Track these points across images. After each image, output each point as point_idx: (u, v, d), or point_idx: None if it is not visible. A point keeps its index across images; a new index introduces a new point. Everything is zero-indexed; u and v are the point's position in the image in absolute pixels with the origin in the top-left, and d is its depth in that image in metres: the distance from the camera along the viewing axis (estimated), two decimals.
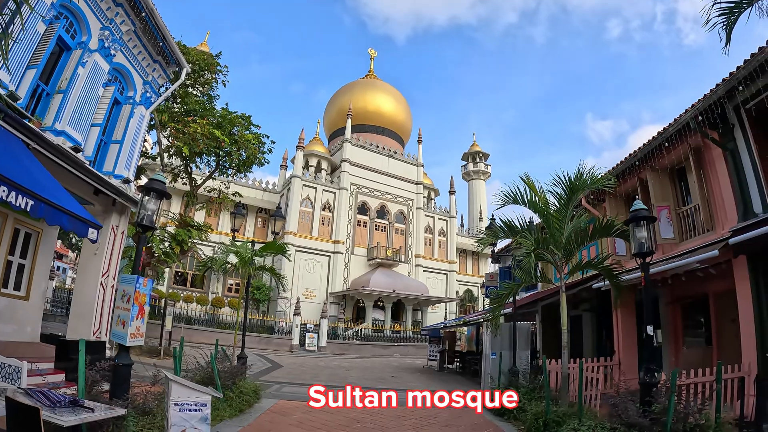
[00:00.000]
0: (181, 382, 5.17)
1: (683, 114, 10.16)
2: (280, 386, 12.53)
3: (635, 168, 12.01)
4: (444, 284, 45.44)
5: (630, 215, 7.38)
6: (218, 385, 8.73)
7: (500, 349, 11.28)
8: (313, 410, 9.23)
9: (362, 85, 50.08)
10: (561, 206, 8.91)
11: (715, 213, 10.08)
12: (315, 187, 39.66)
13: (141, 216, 6.60)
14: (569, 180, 8.62)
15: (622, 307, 12.69)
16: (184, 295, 32.48)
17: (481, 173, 59.25)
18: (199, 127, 18.16)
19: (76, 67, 9.69)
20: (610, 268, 9.52)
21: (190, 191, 21.21)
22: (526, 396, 8.97)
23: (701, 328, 12.14)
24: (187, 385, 5.13)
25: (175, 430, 4.89)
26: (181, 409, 4.94)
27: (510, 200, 9.45)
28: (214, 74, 21.07)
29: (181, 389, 5.03)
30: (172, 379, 5.12)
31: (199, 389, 5.23)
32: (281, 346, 28.89)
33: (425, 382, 15.69)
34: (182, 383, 5.16)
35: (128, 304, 6.16)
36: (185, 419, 4.93)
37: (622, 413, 6.31)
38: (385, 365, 22.83)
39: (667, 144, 10.76)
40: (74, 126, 9.56)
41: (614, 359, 12.33)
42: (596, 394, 9.69)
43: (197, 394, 5.10)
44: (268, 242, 11.32)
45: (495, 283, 23.97)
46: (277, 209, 13.07)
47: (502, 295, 9.31)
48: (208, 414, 5.21)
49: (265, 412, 8.88)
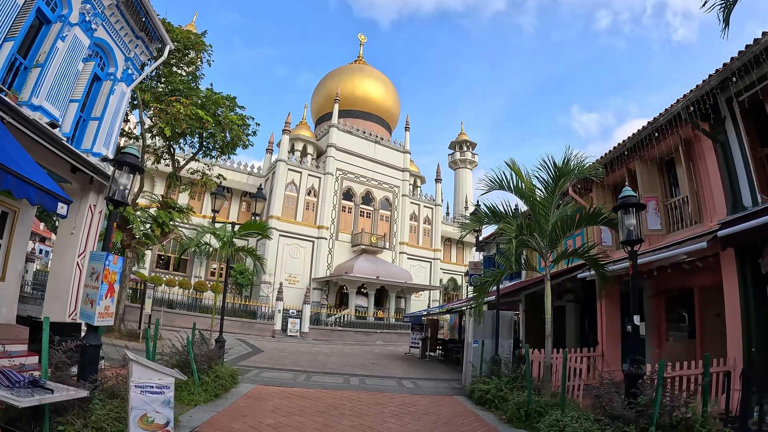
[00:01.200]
0: (142, 362, 4.83)
1: (674, 104, 10.03)
2: (259, 371, 12.31)
3: (624, 158, 11.89)
4: (428, 272, 45.39)
5: (619, 201, 7.20)
6: (194, 369, 8.49)
7: (483, 338, 11.13)
8: (291, 396, 9.05)
9: (351, 70, 49.38)
10: (547, 193, 8.73)
11: (704, 205, 9.99)
12: (300, 172, 39.21)
13: (112, 191, 6.30)
14: (556, 166, 8.42)
15: (606, 298, 12.66)
16: (167, 278, 32.02)
17: (468, 162, 59.15)
18: (182, 107, 17.67)
19: (55, 41, 9.31)
20: (595, 257, 9.39)
21: (173, 173, 20.70)
22: (508, 385, 8.83)
23: (685, 322, 12.09)
24: (149, 366, 4.80)
25: (136, 413, 4.58)
26: (142, 391, 4.63)
27: (496, 186, 9.25)
28: (199, 53, 20.50)
29: (143, 370, 4.71)
30: (134, 359, 4.80)
31: (162, 371, 4.89)
32: (263, 331, 28.63)
33: (406, 370, 15.57)
34: (144, 363, 4.82)
35: (97, 282, 5.85)
36: (146, 402, 4.62)
37: (606, 404, 6.19)
38: (366, 352, 22.71)
39: (657, 134, 10.63)
40: (52, 101, 9.19)
41: (598, 350, 12.31)
42: (579, 385, 9.60)
43: (159, 376, 4.77)
44: (248, 223, 10.96)
45: (479, 272, 23.86)
46: (259, 190, 12.72)
47: (485, 283, 9.12)
48: (170, 397, 4.88)
49: (242, 396, 8.65)
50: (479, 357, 10.84)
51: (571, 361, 10.18)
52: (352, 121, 44.66)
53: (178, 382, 8.35)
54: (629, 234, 6.88)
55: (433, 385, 12.21)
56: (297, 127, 43.75)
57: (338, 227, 40.15)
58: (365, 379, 12.29)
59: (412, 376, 13.78)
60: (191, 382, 8.23)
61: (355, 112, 46.07)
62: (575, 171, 8.45)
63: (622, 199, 7.13)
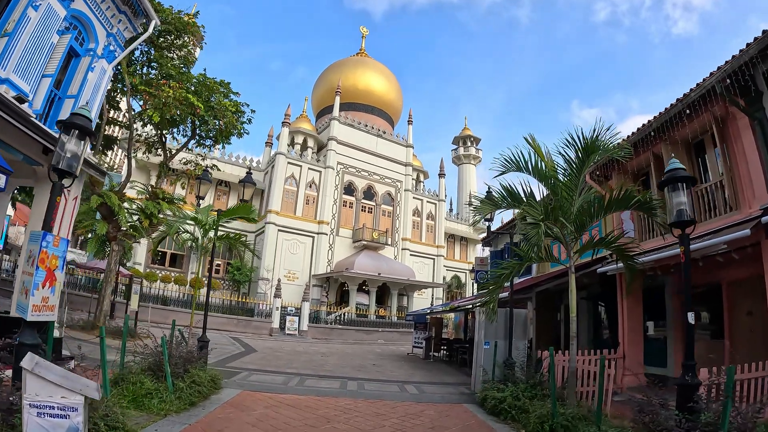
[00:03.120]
0: (42, 372, 3.53)
1: (708, 78, 9.08)
2: (248, 374, 11.24)
3: (649, 140, 10.86)
4: (431, 269, 44.25)
5: (666, 175, 6.06)
6: (167, 372, 7.45)
7: (495, 338, 10.01)
8: (279, 404, 7.96)
9: (353, 63, 48.22)
10: (572, 172, 7.59)
11: (741, 190, 8.93)
12: (300, 165, 38.08)
13: (57, 158, 5.24)
14: (584, 139, 7.26)
15: (629, 295, 11.62)
16: (162, 275, 30.94)
17: (471, 158, 57.93)
18: (171, 90, 16.62)
19: (25, 9, 8.50)
20: (623, 248, 8.26)
21: (163, 162, 19.63)
22: (525, 393, 7.70)
23: (710, 321, 11.22)
24: (49, 379, 3.48)
25: None
26: (39, 413, 3.33)
27: (512, 166, 8.11)
28: (192, 35, 19.39)
29: (41, 384, 3.39)
30: (28, 368, 3.51)
31: (69, 385, 3.62)
32: (260, 329, 27.61)
33: (409, 372, 14.45)
34: (42, 375, 3.53)
35: (32, 268, 4.79)
36: (45, 428, 3.39)
37: (650, 421, 5.08)
38: (367, 352, 21.60)
39: (689, 111, 9.60)
40: (21, 74, 8.44)
41: (618, 352, 11.26)
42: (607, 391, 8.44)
43: (64, 393, 3.42)
44: (233, 207, 9.82)
45: (485, 268, 22.79)
46: (248, 174, 11.57)
47: (501, 275, 7.94)
48: (80, 424, 3.58)
49: (222, 405, 7.57)
50: (491, 360, 9.70)
51: (588, 364, 9.12)
52: (354, 114, 43.49)
53: (149, 388, 7.34)
54: (680, 214, 5.74)
55: (439, 390, 11.06)
56: (297, 120, 42.66)
57: (339, 222, 39.04)
58: (364, 383, 11.13)
59: (415, 379, 12.65)
60: (163, 388, 7.21)
61: (357, 105, 44.89)
62: (604, 149, 7.29)
63: (669, 172, 5.98)
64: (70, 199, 10.75)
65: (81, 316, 16.83)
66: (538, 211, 7.30)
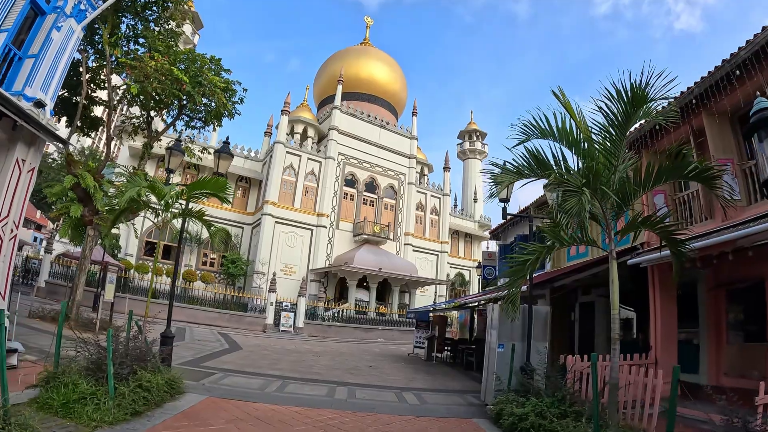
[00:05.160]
0: None
1: (759, 34, 7.65)
2: (223, 375, 9.73)
3: (689, 110, 9.36)
4: (434, 266, 42.77)
5: (753, 118, 4.52)
6: (109, 373, 5.96)
7: (510, 340, 8.44)
8: (246, 417, 6.44)
9: (356, 52, 46.77)
10: (616, 131, 6.01)
11: None
12: (299, 155, 36.55)
13: None
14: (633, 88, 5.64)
15: (662, 291, 10.10)
16: (155, 267, 29.50)
17: (477, 152, 56.17)
18: (154, 62, 15.16)
19: None
20: (671, 230, 6.69)
21: (147, 143, 18.14)
22: (552, 409, 6.12)
23: (750, 321, 9.83)
24: None
25: None
26: None
27: (533, 133, 6.53)
28: (180, 5, 17.87)
29: None
30: None
31: None
32: (254, 325, 26.19)
33: (409, 376, 12.87)
34: None
35: None
36: None
37: None
38: (364, 351, 20.06)
39: (738, 72, 8.11)
40: None
41: (650, 356, 9.70)
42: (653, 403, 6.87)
43: None
44: (202, 180, 8.29)
45: (493, 263, 21.26)
46: (224, 144, 10.04)
47: (527, 261, 6.34)
48: None
49: (174, 416, 6.07)
50: (507, 366, 8.12)
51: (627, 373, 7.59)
52: (357, 103, 41.98)
53: (83, 391, 5.88)
54: None
55: (444, 400, 9.44)
56: (297, 109, 41.22)
57: (339, 215, 37.53)
58: (356, 390, 9.49)
59: (416, 385, 11.07)
60: (103, 392, 5.75)
61: (360, 95, 43.41)
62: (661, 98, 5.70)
63: (757, 113, 4.43)
64: (25, 171, 9.28)
65: (55, 307, 15.37)
66: (578, 177, 5.74)
